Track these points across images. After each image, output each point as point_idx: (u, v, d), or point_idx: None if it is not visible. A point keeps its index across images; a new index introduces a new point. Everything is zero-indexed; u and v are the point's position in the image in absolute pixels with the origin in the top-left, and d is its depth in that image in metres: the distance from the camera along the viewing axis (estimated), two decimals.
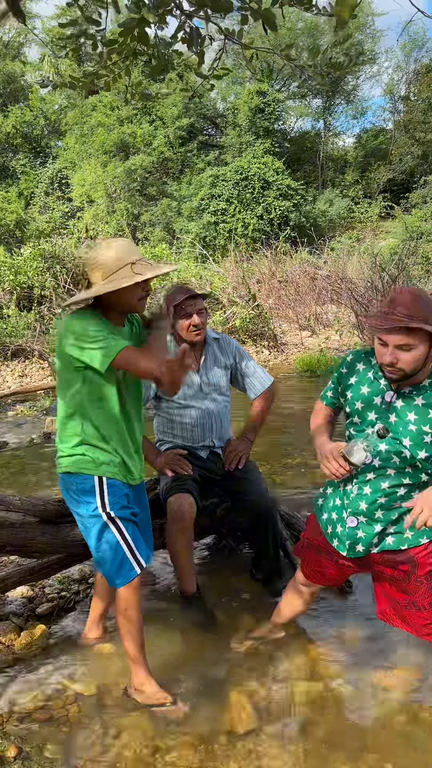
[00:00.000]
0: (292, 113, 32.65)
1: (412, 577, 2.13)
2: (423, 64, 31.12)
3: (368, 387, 2.11)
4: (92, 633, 2.72)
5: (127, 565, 2.24)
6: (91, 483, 2.24)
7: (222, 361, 3.14)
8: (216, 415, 3.10)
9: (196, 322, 2.95)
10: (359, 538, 2.15)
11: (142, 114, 28.05)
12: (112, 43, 3.69)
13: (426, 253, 16.55)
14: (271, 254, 14.96)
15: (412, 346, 1.89)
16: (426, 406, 2.00)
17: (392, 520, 2.11)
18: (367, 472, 2.11)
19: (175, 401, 3.05)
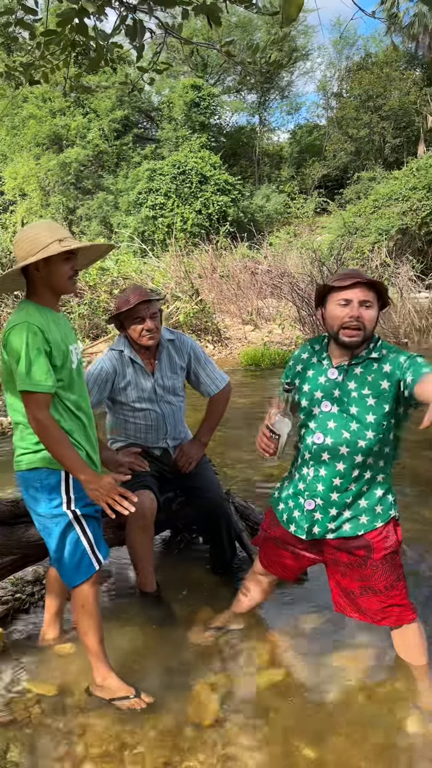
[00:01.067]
0: (228, 108, 32.80)
1: (368, 562, 2.20)
2: (354, 61, 31.81)
3: (312, 369, 2.24)
4: (49, 633, 2.69)
5: (87, 561, 2.23)
6: (57, 478, 2.20)
7: (177, 363, 3.10)
8: (170, 416, 3.09)
9: (149, 327, 2.90)
10: (316, 520, 2.21)
11: (75, 106, 27.55)
12: (49, 34, 3.62)
13: (361, 247, 16.97)
14: (211, 249, 15.01)
15: (371, 303, 2.09)
16: (365, 374, 2.12)
17: (347, 504, 2.17)
18: (321, 452, 2.17)
19: (128, 404, 3.02)
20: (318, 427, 2.18)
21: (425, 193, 19.36)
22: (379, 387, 2.10)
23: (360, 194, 25.60)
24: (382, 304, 2.17)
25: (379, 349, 2.15)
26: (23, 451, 2.24)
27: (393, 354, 2.13)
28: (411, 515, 3.75)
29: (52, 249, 2.11)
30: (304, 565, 2.39)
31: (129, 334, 2.98)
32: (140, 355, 3.03)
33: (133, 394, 3.00)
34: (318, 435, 2.17)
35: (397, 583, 2.22)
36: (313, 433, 2.19)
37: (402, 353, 2.12)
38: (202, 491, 3.03)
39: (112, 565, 3.32)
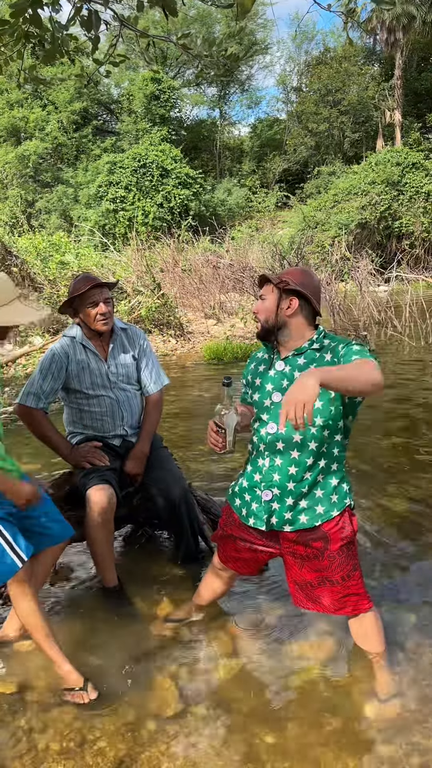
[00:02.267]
0: (188, 101, 32.70)
1: (325, 553, 2.24)
2: (313, 56, 32.03)
3: (262, 364, 2.35)
4: (11, 630, 2.66)
5: (8, 559, 2.26)
6: None
7: (129, 350, 3.14)
8: (125, 403, 3.10)
9: (102, 311, 2.93)
10: (274, 510, 2.24)
11: (33, 98, 27.10)
12: (2, 24, 3.55)
13: (321, 241, 17.15)
14: (173, 243, 14.96)
15: (264, 296, 2.26)
16: (307, 363, 2.19)
17: (303, 493, 2.21)
18: (275, 442, 2.22)
19: (83, 391, 3.02)
20: (270, 417, 2.24)
21: (384, 187, 19.65)
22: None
23: (320, 188, 25.85)
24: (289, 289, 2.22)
25: (320, 340, 2.22)
26: None
27: (334, 343, 2.19)
28: (370, 504, 3.83)
29: (32, 315, 2.30)
30: (261, 560, 2.42)
31: (83, 320, 2.99)
32: (93, 342, 3.03)
33: (86, 380, 3.00)
34: (271, 425, 2.23)
35: (353, 572, 2.26)
36: (266, 424, 2.24)
37: (342, 342, 2.18)
38: (164, 483, 3.04)
39: (73, 560, 3.30)
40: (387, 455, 4.75)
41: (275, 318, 2.22)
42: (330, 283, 11.23)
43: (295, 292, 2.20)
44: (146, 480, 3.09)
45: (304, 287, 2.21)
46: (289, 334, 2.23)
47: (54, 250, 12.09)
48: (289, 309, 2.21)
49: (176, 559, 3.19)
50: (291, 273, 2.26)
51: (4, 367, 8.78)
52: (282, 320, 2.22)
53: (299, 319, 2.22)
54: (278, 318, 2.22)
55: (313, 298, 2.22)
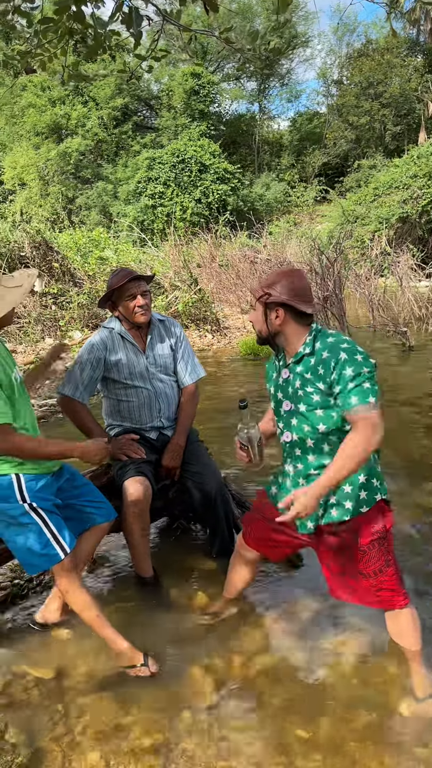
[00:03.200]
0: (227, 96, 32.61)
1: (355, 546, 2.23)
2: (354, 48, 31.57)
3: (274, 372, 2.37)
4: (50, 612, 2.72)
5: (52, 550, 2.36)
6: (8, 480, 2.36)
7: (167, 341, 3.18)
8: (163, 395, 3.13)
9: (140, 303, 2.97)
10: (308, 514, 2.24)
11: (74, 95, 27.39)
12: (47, 21, 3.61)
13: (361, 236, 16.93)
14: (210, 238, 14.98)
15: (254, 307, 2.29)
16: (304, 371, 2.18)
17: (331, 490, 2.20)
18: (294, 449, 2.25)
19: (120, 381, 3.07)
20: (285, 426, 2.28)
21: (426, 181, 19.26)
22: (316, 385, 2.14)
23: (360, 182, 25.50)
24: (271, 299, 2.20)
25: (311, 343, 2.18)
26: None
27: (324, 352, 2.12)
28: (409, 502, 3.78)
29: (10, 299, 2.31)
30: (295, 546, 2.43)
31: (121, 313, 3.03)
32: (131, 333, 3.08)
33: (125, 370, 3.04)
34: (286, 434, 2.27)
35: (386, 568, 2.24)
36: (283, 432, 2.30)
37: (334, 354, 2.09)
38: (200, 476, 3.06)
39: (109, 550, 3.36)
40: (428, 453, 4.68)
41: (266, 329, 2.24)
42: (369, 278, 11.09)
43: (279, 303, 2.18)
44: (182, 473, 3.12)
45: (290, 292, 2.17)
46: (286, 341, 2.24)
47: (93, 246, 12.24)
48: (277, 319, 2.20)
49: (211, 552, 3.21)
50: (274, 280, 2.21)
51: None
52: (274, 330, 2.23)
53: (291, 326, 2.21)
54: (270, 329, 2.24)
55: (299, 303, 2.17)
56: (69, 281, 11.04)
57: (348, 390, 2.03)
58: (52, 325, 10.24)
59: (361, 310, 11.10)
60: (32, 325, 10.08)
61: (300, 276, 2.25)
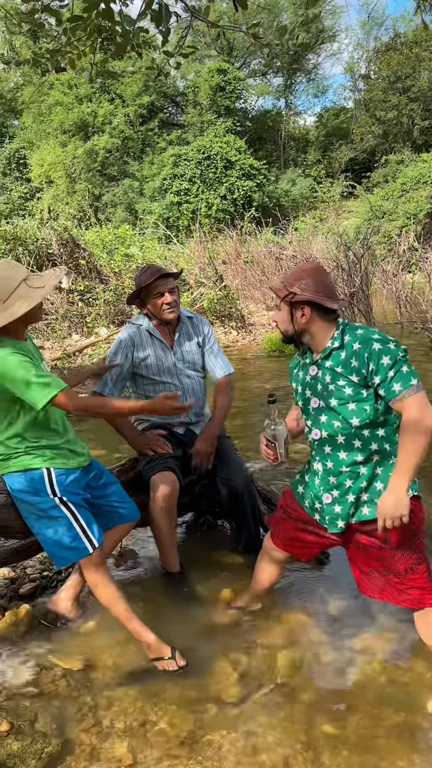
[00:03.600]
0: (253, 92, 32.48)
1: (387, 545, 2.21)
2: (382, 42, 31.20)
3: (300, 370, 2.35)
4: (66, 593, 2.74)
5: (81, 543, 2.41)
6: (39, 473, 2.41)
7: (194, 338, 3.20)
8: (190, 390, 3.14)
9: (168, 300, 2.99)
10: (337, 513, 2.23)
11: (101, 92, 27.53)
12: (76, 19, 3.63)
13: (388, 232, 16.77)
14: (236, 235, 14.96)
15: (278, 306, 2.25)
16: (334, 365, 2.16)
17: (363, 488, 2.19)
18: (323, 446, 2.23)
19: (149, 377, 3.09)
20: (313, 423, 2.26)
21: None
22: (348, 378, 2.12)
23: (388, 178, 25.23)
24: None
25: (340, 337, 2.17)
26: (4, 457, 2.44)
27: (355, 343, 2.11)
28: None
29: (23, 294, 2.31)
30: (324, 546, 2.42)
31: (150, 311, 3.05)
32: (159, 330, 3.11)
33: (153, 367, 3.07)
34: (315, 431, 2.26)
35: (417, 566, 2.22)
36: (311, 430, 2.28)
37: (367, 345, 2.08)
38: (227, 472, 3.07)
39: (137, 544, 3.38)
40: None
41: (293, 328, 2.22)
42: (397, 274, 10.98)
43: (305, 301, 2.16)
44: (209, 468, 3.12)
45: (315, 289, 2.15)
46: (312, 338, 2.22)
47: (119, 243, 12.31)
48: (303, 317, 2.18)
49: (237, 547, 3.21)
50: (297, 278, 2.19)
51: (72, 356, 9.03)
52: (300, 328, 2.21)
53: (317, 323, 2.19)
54: (295, 327, 2.21)
55: (324, 300, 2.15)
56: (95, 278, 11.12)
57: (389, 379, 2.04)
58: (79, 321, 10.33)
59: (389, 306, 11.00)
60: (59, 322, 10.19)
61: (322, 272, 2.24)
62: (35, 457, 2.39)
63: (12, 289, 2.30)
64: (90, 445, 4.78)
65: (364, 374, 2.08)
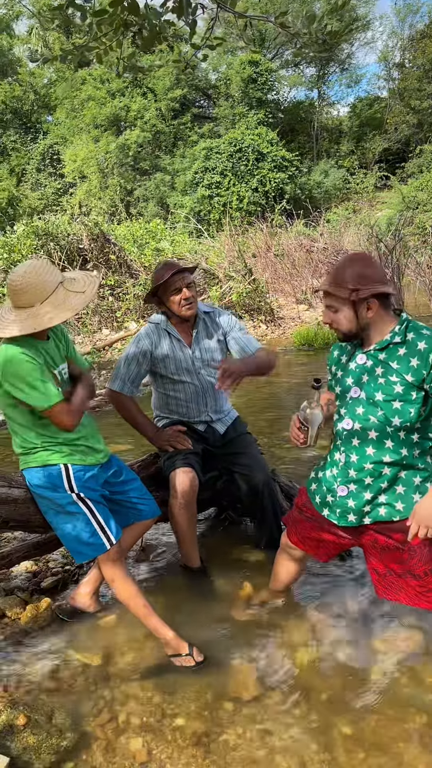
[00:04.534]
0: (285, 83, 32.17)
1: (405, 546, 2.16)
2: (418, 29, 30.60)
3: (345, 355, 2.25)
4: (84, 588, 2.76)
5: (98, 540, 2.42)
6: (57, 470, 2.42)
7: (214, 334, 3.14)
8: (210, 389, 3.11)
9: (186, 296, 2.95)
10: (350, 507, 2.18)
11: (133, 87, 27.61)
12: (101, 14, 3.62)
13: (422, 222, 16.46)
14: (266, 227, 14.86)
15: (335, 307, 2.10)
16: (388, 359, 2.08)
17: (382, 489, 2.13)
18: (352, 438, 2.16)
19: (168, 376, 3.06)
20: (347, 413, 2.17)
21: None
22: (403, 376, 2.04)
23: (422, 168, 24.78)
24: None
25: (402, 333, 2.07)
26: (23, 452, 2.47)
27: (421, 342, 2.04)
28: None
29: (62, 299, 2.30)
30: (341, 546, 2.37)
31: (169, 308, 3.02)
32: (177, 328, 3.07)
33: (171, 365, 3.04)
34: (347, 421, 2.16)
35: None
36: (342, 419, 2.18)
37: (427, 340, 2.03)
38: (249, 468, 3.05)
39: (159, 540, 3.39)
40: None
41: (358, 325, 2.10)
42: (431, 266, 10.78)
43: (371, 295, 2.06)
44: (230, 465, 3.11)
45: (377, 280, 2.05)
46: (374, 329, 2.11)
47: (150, 237, 12.35)
48: (369, 312, 2.08)
49: (258, 544, 3.19)
50: (355, 271, 2.05)
51: (101, 351, 9.09)
52: (365, 324, 2.10)
53: (380, 313, 2.09)
54: (361, 324, 2.10)
55: (387, 288, 2.06)
56: (125, 273, 11.18)
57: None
58: (109, 316, 10.41)
59: (422, 298, 10.80)
60: (89, 317, 10.27)
61: (371, 259, 2.16)
62: (53, 453, 2.40)
63: (48, 293, 2.29)
64: (116, 441, 4.84)
65: (423, 375, 2.01)
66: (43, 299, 2.29)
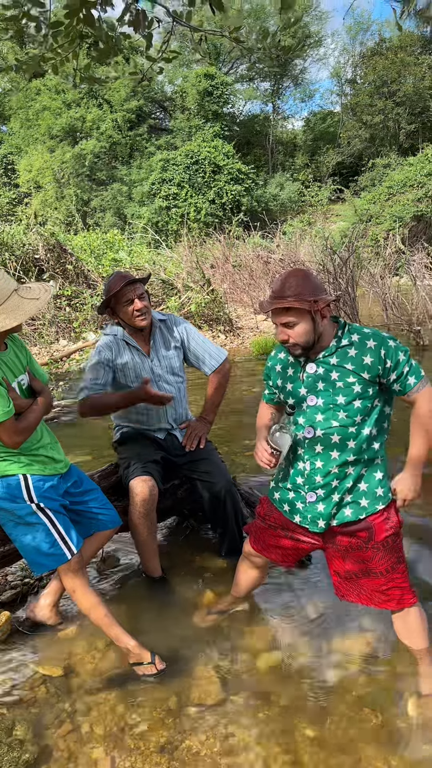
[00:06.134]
0: (241, 96, 32.60)
1: (369, 544, 2.22)
2: (368, 47, 31.42)
3: (291, 368, 2.29)
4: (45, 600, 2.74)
5: (59, 550, 2.41)
6: (16, 480, 2.40)
7: (170, 341, 3.15)
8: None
9: (138, 307, 2.96)
10: (319, 512, 2.23)
11: (89, 98, 27.54)
12: (57, 25, 3.63)
13: (375, 235, 16.85)
14: (224, 239, 14.98)
15: (294, 322, 2.11)
16: (342, 362, 2.15)
17: (348, 489, 2.19)
18: (314, 445, 2.21)
19: (128, 385, 3.05)
20: (307, 421, 2.22)
21: None
22: (359, 375, 2.12)
23: (375, 181, 25.38)
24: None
25: (348, 335, 2.16)
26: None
27: (369, 341, 2.12)
28: None
29: (16, 306, 2.26)
30: (302, 551, 2.41)
31: (122, 319, 3.02)
32: (135, 338, 3.08)
33: (131, 374, 3.04)
34: (308, 429, 2.21)
35: (397, 565, 2.24)
36: (302, 428, 2.23)
37: (382, 343, 2.11)
38: (210, 476, 3.06)
39: (119, 550, 3.37)
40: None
41: (315, 336, 2.15)
42: (383, 276, 11.03)
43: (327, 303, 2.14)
44: (191, 472, 3.12)
45: (322, 289, 2.14)
46: (321, 338, 2.18)
47: (108, 248, 12.30)
48: (324, 320, 2.16)
49: (220, 551, 3.21)
50: (311, 286, 2.11)
51: (59, 362, 9.00)
52: (319, 333, 2.16)
53: (326, 321, 2.18)
54: (317, 334, 2.15)
55: (330, 297, 2.14)
56: (83, 283, 11.10)
57: (405, 373, 2.12)
58: (66, 326, 10.31)
59: (375, 308, 11.04)
60: (47, 327, 10.16)
61: (311, 272, 2.23)
62: (11, 464, 2.38)
63: (1, 300, 2.26)
64: (75, 452, 4.80)
65: (379, 371, 2.10)
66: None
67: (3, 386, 2.29)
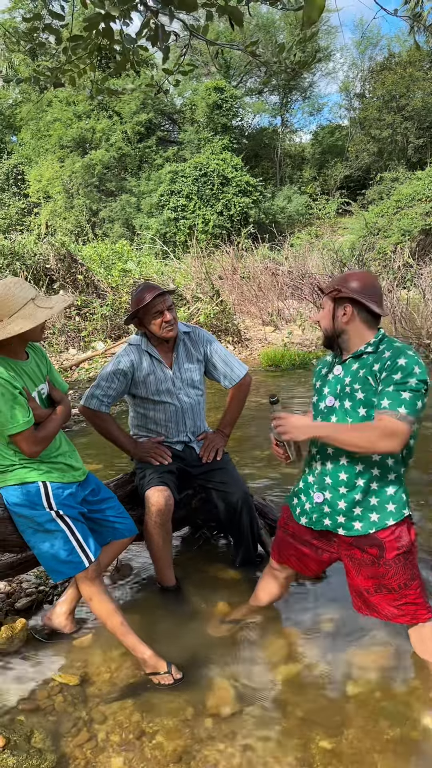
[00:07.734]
0: (250, 109, 32.81)
1: (380, 561, 2.22)
2: (377, 62, 31.62)
3: (326, 368, 2.36)
4: (57, 617, 2.74)
5: (76, 557, 2.42)
6: (36, 487, 2.43)
7: (194, 355, 3.17)
8: (189, 410, 3.14)
9: (168, 319, 2.98)
10: (325, 513, 2.25)
11: (99, 109, 27.78)
12: (76, 38, 3.69)
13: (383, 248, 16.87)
14: (232, 250, 15.04)
15: (323, 305, 2.30)
16: (360, 367, 2.18)
17: (356, 501, 2.20)
18: (327, 446, 2.24)
19: (147, 397, 3.08)
20: (322, 422, 2.25)
21: None
22: (369, 383, 2.13)
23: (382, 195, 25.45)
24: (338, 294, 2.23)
25: (375, 344, 2.18)
26: (0, 470, 2.44)
27: (388, 352, 2.12)
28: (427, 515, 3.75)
29: (30, 313, 2.30)
30: (322, 560, 2.41)
31: (149, 330, 3.04)
32: (158, 349, 3.09)
33: (152, 387, 3.06)
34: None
35: (411, 582, 2.23)
36: None
37: (396, 355, 2.09)
38: (226, 486, 3.07)
39: (133, 559, 3.38)
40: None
41: (332, 326, 2.24)
42: (392, 290, 11.05)
43: (349, 299, 2.19)
44: (206, 483, 3.13)
45: (361, 291, 2.18)
46: (349, 339, 2.23)
47: (117, 258, 12.37)
48: (344, 316, 2.20)
49: (234, 562, 3.21)
50: (347, 278, 2.23)
51: (68, 371, 9.04)
52: (340, 327, 2.23)
53: (357, 324, 2.21)
54: (336, 326, 2.23)
55: (369, 302, 2.18)
56: (92, 293, 11.17)
57: (386, 392, 2.05)
58: (76, 336, 10.36)
59: (384, 322, 11.05)
60: (56, 336, 10.21)
61: (372, 277, 2.27)
62: (31, 471, 2.39)
63: (17, 308, 2.30)
64: (87, 460, 4.81)
65: (379, 379, 2.11)
66: (12, 313, 2.30)
67: (24, 396, 2.31)
